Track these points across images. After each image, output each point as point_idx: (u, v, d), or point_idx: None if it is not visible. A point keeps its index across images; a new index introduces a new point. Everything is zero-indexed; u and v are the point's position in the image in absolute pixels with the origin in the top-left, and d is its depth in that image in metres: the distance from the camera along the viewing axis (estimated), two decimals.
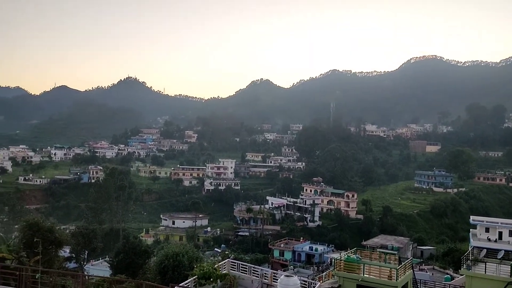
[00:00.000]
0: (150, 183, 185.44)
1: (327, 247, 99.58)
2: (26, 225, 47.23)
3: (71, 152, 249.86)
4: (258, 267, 37.24)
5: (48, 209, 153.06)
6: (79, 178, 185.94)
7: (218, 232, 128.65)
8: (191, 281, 27.97)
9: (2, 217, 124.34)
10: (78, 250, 74.57)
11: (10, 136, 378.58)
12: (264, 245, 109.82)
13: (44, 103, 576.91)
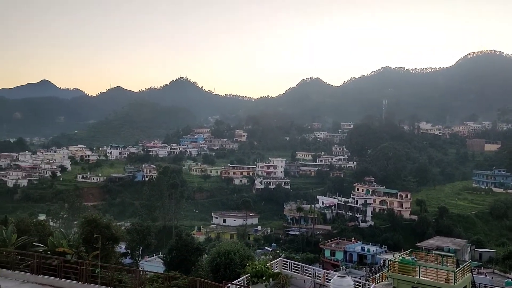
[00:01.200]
0: (201, 182, 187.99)
1: (380, 248, 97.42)
2: (85, 221, 48.87)
3: (125, 151, 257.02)
4: (310, 266, 36.81)
5: (105, 206, 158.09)
6: (133, 177, 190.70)
7: (269, 231, 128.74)
8: (243, 279, 27.96)
9: (62, 214, 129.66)
10: (133, 246, 76.50)
11: (69, 135, 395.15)
12: (315, 245, 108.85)
13: (100, 103, 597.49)
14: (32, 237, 45.59)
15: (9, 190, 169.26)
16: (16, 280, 21.69)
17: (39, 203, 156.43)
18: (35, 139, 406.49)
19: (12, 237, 38.93)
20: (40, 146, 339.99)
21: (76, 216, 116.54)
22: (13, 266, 23.06)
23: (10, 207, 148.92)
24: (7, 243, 37.08)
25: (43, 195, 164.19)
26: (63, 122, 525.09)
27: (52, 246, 39.09)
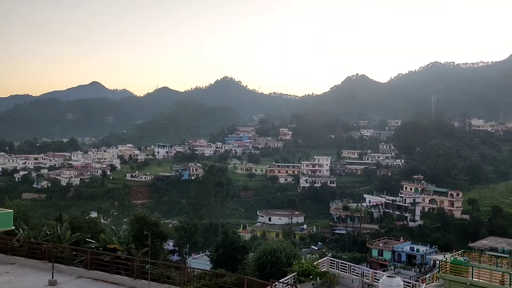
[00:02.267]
0: (246, 180, 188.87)
1: (430, 248, 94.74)
2: (134, 219, 50.05)
3: (172, 150, 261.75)
4: (358, 266, 36.15)
5: (153, 204, 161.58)
6: (180, 175, 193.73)
7: (314, 230, 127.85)
8: (290, 277, 27.76)
9: (112, 211, 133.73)
10: (181, 244, 77.76)
11: (118, 135, 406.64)
12: (362, 244, 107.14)
13: (147, 104, 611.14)
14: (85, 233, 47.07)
15: (63, 188, 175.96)
16: (71, 275, 22.44)
17: (90, 201, 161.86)
18: (86, 139, 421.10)
19: (67, 233, 40.34)
20: (91, 145, 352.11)
21: (125, 214, 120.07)
22: (68, 261, 23.85)
23: (64, 205, 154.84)
24: (62, 239, 38.48)
25: (94, 193, 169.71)
26: (112, 122, 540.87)
27: (104, 243, 40.23)
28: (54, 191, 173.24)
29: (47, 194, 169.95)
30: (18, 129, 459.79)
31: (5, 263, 24.54)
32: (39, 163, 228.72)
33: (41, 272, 22.78)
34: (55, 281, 20.84)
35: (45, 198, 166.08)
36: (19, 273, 22.80)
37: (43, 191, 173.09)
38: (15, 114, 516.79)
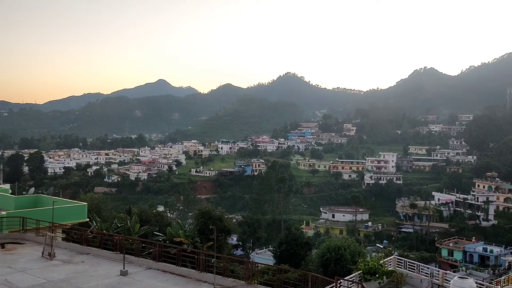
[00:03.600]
0: (309, 176, 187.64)
1: (505, 249, 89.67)
2: (199, 213, 51.26)
3: (235, 146, 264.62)
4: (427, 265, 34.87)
5: (217, 199, 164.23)
6: (243, 171, 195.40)
7: (380, 227, 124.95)
8: (356, 275, 27.19)
9: (178, 205, 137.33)
10: (244, 239, 78.58)
11: (183, 132, 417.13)
12: (430, 243, 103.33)
13: (211, 100, 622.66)
14: (153, 226, 48.81)
15: (132, 183, 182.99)
16: (141, 266, 23.19)
17: (157, 195, 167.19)
18: (153, 135, 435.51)
19: (136, 226, 41.97)
20: (157, 141, 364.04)
21: (190, 208, 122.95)
22: (137, 253, 24.69)
23: (133, 199, 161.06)
24: (132, 231, 40.06)
25: (161, 188, 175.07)
26: (177, 118, 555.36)
27: (170, 236, 41.49)
28: (123, 185, 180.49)
29: (117, 188, 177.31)
30: (91, 126, 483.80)
31: (80, 253, 25.81)
32: (110, 158, 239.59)
33: (113, 262, 23.72)
34: (126, 272, 21.64)
35: (116, 192, 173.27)
36: (93, 262, 23.88)
37: (114, 185, 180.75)
38: (87, 111, 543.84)
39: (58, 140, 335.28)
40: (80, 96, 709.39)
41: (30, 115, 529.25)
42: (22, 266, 22.71)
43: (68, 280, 20.69)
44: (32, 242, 28.06)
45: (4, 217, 29.73)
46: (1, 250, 25.98)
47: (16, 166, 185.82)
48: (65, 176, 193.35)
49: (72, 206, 35.68)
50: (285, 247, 61.52)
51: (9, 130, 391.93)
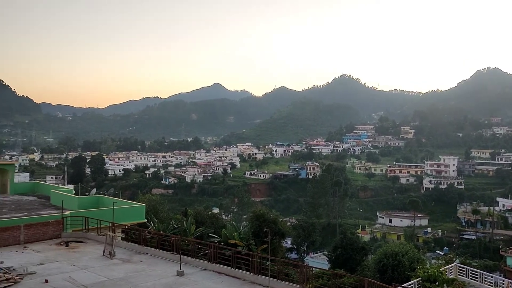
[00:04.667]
0: (365, 180, 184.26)
1: None
2: (254, 215, 51.31)
3: (290, 149, 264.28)
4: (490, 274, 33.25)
5: (271, 202, 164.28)
6: (297, 174, 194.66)
7: (440, 234, 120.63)
8: (414, 282, 26.31)
9: (233, 208, 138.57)
10: (299, 242, 78.11)
11: (238, 134, 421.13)
12: (494, 251, 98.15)
13: (266, 103, 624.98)
14: (208, 228, 49.38)
15: (188, 185, 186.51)
16: (197, 267, 23.50)
17: (212, 197, 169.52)
18: (209, 138, 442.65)
19: (192, 227, 42.62)
20: (213, 144, 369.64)
21: (245, 211, 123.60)
22: (193, 254, 25.06)
23: (188, 200, 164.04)
24: (188, 232, 40.71)
25: (216, 190, 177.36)
26: (232, 122, 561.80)
27: (225, 238, 41.82)
28: (180, 187, 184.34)
29: (173, 190, 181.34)
30: (149, 129, 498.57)
31: (139, 252, 26.50)
32: (167, 160, 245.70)
33: (170, 262, 24.19)
34: (182, 272, 21.99)
35: (172, 193, 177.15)
36: (151, 262, 24.44)
37: (170, 187, 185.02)
38: (146, 115, 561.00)
39: (118, 143, 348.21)
40: (139, 100, 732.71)
41: (92, 118, 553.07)
42: (84, 264, 23.61)
43: (127, 279, 21.28)
44: (93, 241, 29.13)
45: (68, 217, 31.07)
46: (65, 248, 27.14)
47: (79, 167, 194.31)
48: (124, 178, 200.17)
49: (131, 207, 36.76)
50: (340, 251, 60.61)
51: (73, 133, 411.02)
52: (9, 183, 46.37)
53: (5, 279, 19.90)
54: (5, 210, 35.94)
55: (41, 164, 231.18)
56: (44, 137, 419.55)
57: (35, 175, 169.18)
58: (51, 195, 40.95)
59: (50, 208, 36.63)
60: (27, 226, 28.37)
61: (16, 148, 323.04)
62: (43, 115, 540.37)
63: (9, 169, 47.70)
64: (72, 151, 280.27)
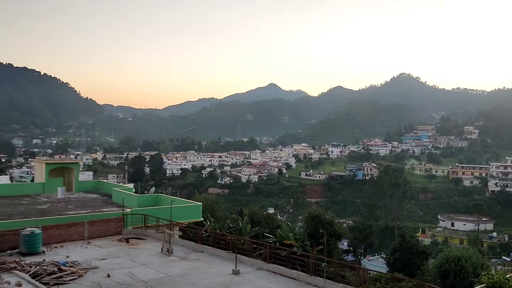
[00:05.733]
0: (425, 182, 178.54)
1: None
2: (309, 216, 50.99)
3: (346, 149, 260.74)
4: None
5: (327, 203, 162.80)
6: (354, 175, 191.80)
7: (506, 239, 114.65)
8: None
9: (288, 208, 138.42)
10: (355, 244, 76.73)
11: (293, 135, 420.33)
12: None
13: (321, 103, 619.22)
14: (263, 228, 49.49)
15: (243, 185, 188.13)
16: (252, 266, 23.56)
17: (267, 197, 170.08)
18: (264, 138, 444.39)
19: (247, 227, 42.88)
20: (268, 145, 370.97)
21: (300, 211, 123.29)
22: (249, 253, 25.15)
23: (244, 200, 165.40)
24: (243, 232, 41.00)
25: (271, 190, 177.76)
26: (287, 122, 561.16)
27: (280, 238, 41.72)
28: (235, 187, 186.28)
29: (229, 190, 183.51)
30: (205, 129, 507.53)
31: (195, 250, 26.93)
32: (223, 160, 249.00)
33: (226, 261, 24.39)
34: (238, 271, 22.11)
35: (228, 193, 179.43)
36: (208, 260, 24.75)
37: (226, 186, 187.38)
38: (202, 116, 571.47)
39: (176, 143, 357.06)
40: (196, 101, 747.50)
41: (151, 119, 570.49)
42: (143, 260, 24.26)
43: (185, 276, 21.64)
44: (152, 238, 29.89)
45: (128, 214, 32.09)
46: (126, 245, 28.03)
47: (139, 167, 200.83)
48: (181, 177, 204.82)
49: (189, 206, 37.48)
50: (398, 255, 58.90)
51: (133, 134, 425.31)
52: (74, 181, 48.65)
53: (70, 272, 20.80)
54: (71, 207, 37.70)
55: (103, 163, 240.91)
56: (106, 137, 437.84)
57: (98, 174, 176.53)
58: (112, 193, 42.54)
59: (112, 206, 38.05)
60: (90, 223, 29.56)
61: (80, 148, 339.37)
62: (106, 116, 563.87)
63: (75, 168, 50.07)
64: (132, 151, 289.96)
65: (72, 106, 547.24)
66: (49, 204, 38.95)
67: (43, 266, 21.21)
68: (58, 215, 32.58)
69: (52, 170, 47.74)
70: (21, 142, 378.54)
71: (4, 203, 38.52)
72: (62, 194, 42.99)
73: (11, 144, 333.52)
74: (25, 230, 24.96)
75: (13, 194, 43.77)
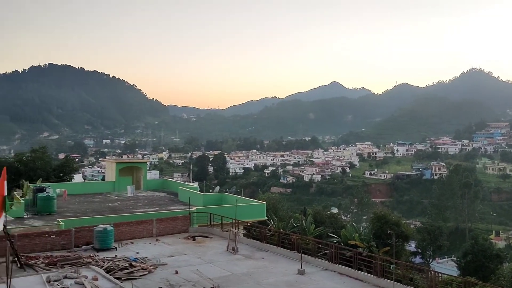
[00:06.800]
0: (499, 182, 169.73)
1: None
2: (375, 217, 49.94)
3: (412, 148, 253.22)
4: None
5: (392, 203, 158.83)
6: (421, 174, 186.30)
7: None
8: None
9: (352, 208, 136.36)
10: (424, 246, 74.17)
11: (357, 133, 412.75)
12: None
13: (386, 101, 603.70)
14: (327, 228, 49.07)
15: (306, 184, 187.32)
16: (317, 266, 23.31)
17: (331, 197, 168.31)
18: (326, 137, 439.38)
19: (311, 227, 42.62)
20: (330, 143, 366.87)
21: (365, 211, 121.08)
22: (314, 253, 24.93)
23: (306, 199, 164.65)
24: (307, 232, 40.78)
25: (334, 190, 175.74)
26: (350, 120, 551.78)
27: (345, 238, 41.11)
28: (298, 186, 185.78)
29: (291, 189, 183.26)
30: (267, 128, 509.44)
31: (260, 249, 27.04)
32: (285, 159, 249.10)
33: (291, 261, 24.29)
34: (303, 271, 21.94)
35: (290, 192, 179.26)
36: (273, 259, 24.77)
37: (288, 185, 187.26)
38: (264, 115, 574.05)
39: (238, 142, 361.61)
40: (258, 101, 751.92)
41: (214, 119, 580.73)
42: (210, 258, 24.68)
43: (250, 275, 21.77)
44: (217, 236, 30.35)
45: (194, 213, 32.82)
46: (192, 242, 28.65)
47: (203, 166, 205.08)
48: (244, 176, 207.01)
49: (253, 205, 37.78)
50: (470, 258, 56.45)
51: (197, 134, 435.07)
52: (142, 179, 50.51)
53: (141, 268, 21.54)
54: (140, 204, 39.15)
55: (168, 162, 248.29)
56: (171, 137, 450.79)
57: (163, 173, 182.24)
58: (178, 192, 43.70)
59: (178, 204, 39.12)
60: (158, 220, 30.50)
61: (147, 148, 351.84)
62: (170, 117, 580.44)
63: (143, 167, 52.00)
64: (196, 150, 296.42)
65: (139, 107, 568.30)
66: (120, 202, 40.67)
67: (115, 262, 22.11)
68: (128, 213, 33.94)
69: (122, 169, 49.84)
70: (92, 142, 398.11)
71: (78, 201, 40.68)
72: (131, 192, 44.74)
73: (83, 144, 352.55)
74: (98, 227, 26.17)
75: (86, 192, 46.13)
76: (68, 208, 36.42)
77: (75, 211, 35.26)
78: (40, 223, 30.41)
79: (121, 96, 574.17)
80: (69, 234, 26.38)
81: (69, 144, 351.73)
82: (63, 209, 35.83)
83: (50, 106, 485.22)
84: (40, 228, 28.21)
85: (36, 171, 54.74)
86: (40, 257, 23.08)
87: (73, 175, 64.22)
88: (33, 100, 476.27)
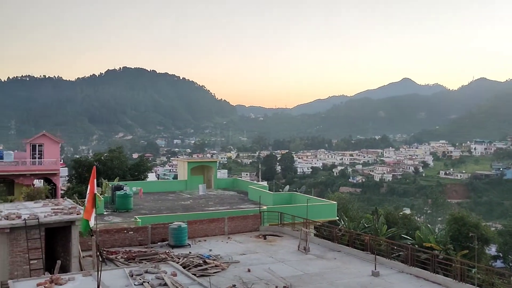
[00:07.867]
0: None
1: None
2: (452, 218, 47.68)
3: (492, 146, 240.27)
4: None
5: (470, 204, 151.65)
6: (501, 174, 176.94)
7: None
8: None
9: (426, 209, 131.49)
10: (506, 250, 69.97)
11: (430, 131, 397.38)
12: None
13: (462, 97, 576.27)
14: (400, 229, 47.51)
15: (376, 184, 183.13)
16: (392, 268, 22.62)
17: (402, 197, 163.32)
18: (398, 136, 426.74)
19: (383, 227, 41.48)
20: (402, 142, 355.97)
21: (440, 213, 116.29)
22: (388, 254, 24.25)
23: (377, 200, 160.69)
24: (379, 232, 39.72)
25: (406, 190, 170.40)
26: (423, 118, 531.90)
27: (419, 240, 39.61)
28: (368, 186, 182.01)
29: (361, 189, 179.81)
30: (335, 127, 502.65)
31: (332, 249, 26.70)
32: (354, 159, 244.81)
33: (364, 262, 23.77)
34: (377, 273, 21.37)
35: (360, 192, 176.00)
36: (345, 260, 24.37)
37: (358, 185, 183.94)
38: (332, 114, 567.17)
39: (306, 142, 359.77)
40: (325, 99, 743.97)
41: (282, 118, 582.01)
42: (281, 257, 24.69)
43: (322, 275, 21.54)
44: (288, 235, 30.33)
45: (265, 211, 33.00)
46: (263, 241, 28.82)
47: (271, 165, 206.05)
48: (312, 176, 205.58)
49: (323, 205, 37.41)
50: None
51: (264, 133, 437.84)
52: (213, 178, 51.57)
53: (214, 265, 21.97)
54: (211, 203, 39.98)
55: (237, 161, 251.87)
56: (239, 137, 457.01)
57: (232, 172, 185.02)
58: (248, 190, 44.14)
59: (248, 203, 39.52)
60: (230, 219, 31.00)
61: (216, 147, 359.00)
62: (238, 117, 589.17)
63: (213, 166, 53.08)
64: (263, 150, 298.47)
65: (208, 107, 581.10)
66: (192, 200, 41.76)
67: (190, 258, 22.71)
68: (201, 211, 34.74)
69: (194, 168, 51.17)
70: (164, 142, 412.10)
71: (153, 199, 42.24)
72: (203, 191, 45.77)
73: (155, 144, 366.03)
74: (173, 224, 27.00)
75: (160, 191, 47.83)
76: (143, 206, 37.91)
77: (150, 209, 36.63)
78: (118, 219, 31.91)
79: (191, 97, 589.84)
80: (146, 230, 27.46)
81: (142, 144, 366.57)
82: (138, 206, 37.34)
83: (124, 107, 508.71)
84: (119, 224, 29.59)
85: (113, 170, 57.47)
86: (120, 252, 24.21)
87: (147, 174, 66.76)
88: (109, 102, 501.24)
